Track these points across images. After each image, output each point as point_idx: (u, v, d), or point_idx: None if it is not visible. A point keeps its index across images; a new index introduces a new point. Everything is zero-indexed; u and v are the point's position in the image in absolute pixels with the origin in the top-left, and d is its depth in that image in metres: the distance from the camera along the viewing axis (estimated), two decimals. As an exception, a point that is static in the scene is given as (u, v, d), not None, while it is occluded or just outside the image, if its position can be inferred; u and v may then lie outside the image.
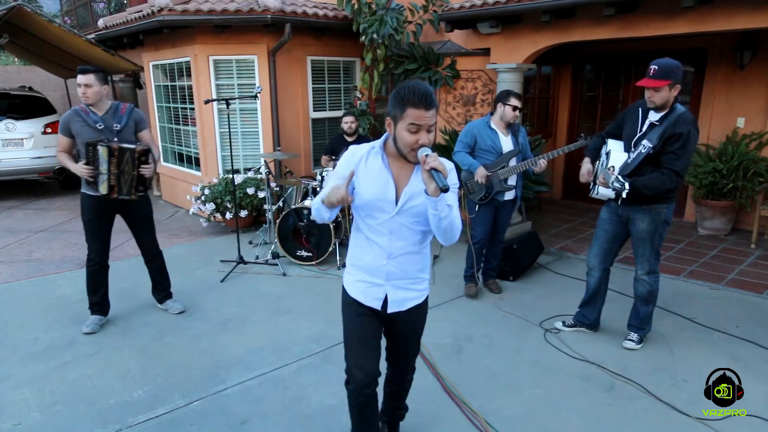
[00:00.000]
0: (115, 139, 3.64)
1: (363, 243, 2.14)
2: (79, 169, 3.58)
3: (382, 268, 2.11)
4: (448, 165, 1.98)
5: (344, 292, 2.25)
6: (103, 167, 3.58)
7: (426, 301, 2.28)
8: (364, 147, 2.09)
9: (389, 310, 2.17)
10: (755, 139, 5.93)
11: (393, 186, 2.03)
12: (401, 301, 2.18)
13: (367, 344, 2.18)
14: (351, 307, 2.21)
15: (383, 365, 2.34)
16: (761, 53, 5.90)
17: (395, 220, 2.05)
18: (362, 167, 2.06)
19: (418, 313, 2.26)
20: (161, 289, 4.25)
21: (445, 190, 1.80)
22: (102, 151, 3.55)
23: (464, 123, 6.38)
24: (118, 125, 3.67)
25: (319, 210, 2.06)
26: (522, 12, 5.41)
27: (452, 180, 1.99)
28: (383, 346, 2.35)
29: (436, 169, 1.81)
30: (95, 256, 3.84)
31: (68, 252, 5.74)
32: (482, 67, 6.29)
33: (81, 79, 3.53)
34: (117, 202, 3.74)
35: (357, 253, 2.19)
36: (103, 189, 3.63)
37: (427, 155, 1.85)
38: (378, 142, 2.08)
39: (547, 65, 7.74)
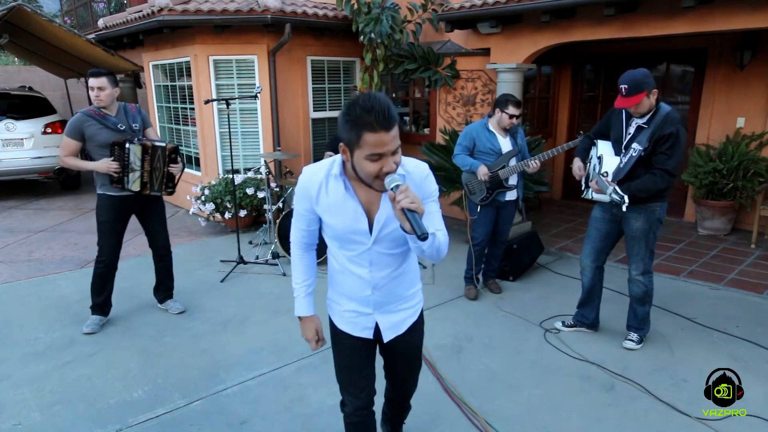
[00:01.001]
0: (142, 138, 3.74)
1: (343, 270, 1.93)
2: (105, 166, 3.58)
3: (369, 299, 1.93)
4: (423, 172, 1.77)
5: (330, 320, 2.10)
6: (136, 164, 3.66)
7: (421, 314, 2.11)
8: (320, 171, 1.77)
9: (386, 339, 2.00)
10: (755, 140, 5.93)
11: (363, 214, 1.76)
12: (395, 325, 2.00)
13: (360, 374, 2.05)
14: (338, 337, 2.05)
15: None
16: (761, 53, 5.89)
17: (373, 250, 1.82)
18: (323, 195, 1.78)
19: (415, 330, 2.08)
20: (164, 288, 4.25)
21: (423, 238, 1.52)
22: (135, 149, 3.65)
23: (464, 123, 6.38)
24: (137, 125, 3.77)
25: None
26: (522, 12, 5.41)
27: (431, 187, 1.79)
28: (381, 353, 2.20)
29: (410, 209, 1.52)
30: (106, 257, 3.84)
31: (68, 252, 5.74)
32: (482, 67, 6.29)
33: (94, 82, 3.54)
34: (135, 201, 3.83)
35: (338, 279, 1.98)
36: (135, 186, 3.71)
37: (396, 188, 1.54)
38: (336, 166, 1.75)
39: (547, 65, 7.74)
